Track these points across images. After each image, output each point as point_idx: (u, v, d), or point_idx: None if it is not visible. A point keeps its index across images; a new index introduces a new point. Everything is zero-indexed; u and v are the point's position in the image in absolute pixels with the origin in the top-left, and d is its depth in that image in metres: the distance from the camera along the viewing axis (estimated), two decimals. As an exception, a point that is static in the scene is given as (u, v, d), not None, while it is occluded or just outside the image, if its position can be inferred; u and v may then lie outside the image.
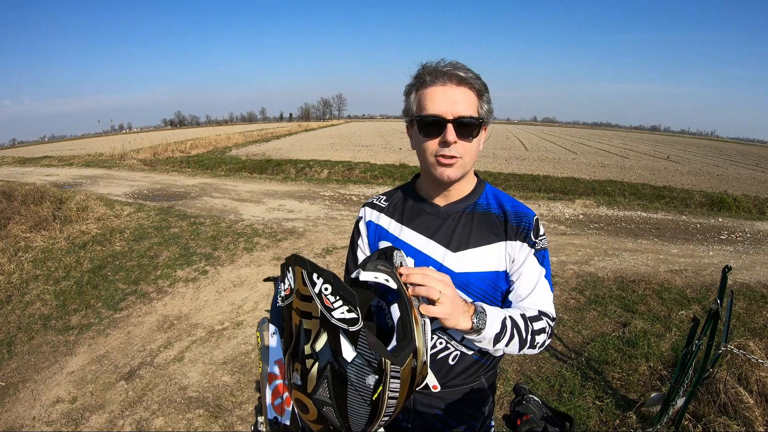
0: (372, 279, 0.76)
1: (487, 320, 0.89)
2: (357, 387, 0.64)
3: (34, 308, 4.07)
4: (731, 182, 12.51)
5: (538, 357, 3.15)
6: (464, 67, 0.96)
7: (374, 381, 0.64)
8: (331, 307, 0.64)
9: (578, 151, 21.84)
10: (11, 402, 2.84)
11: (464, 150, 0.96)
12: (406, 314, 0.74)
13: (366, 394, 0.64)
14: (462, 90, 0.94)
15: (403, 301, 0.76)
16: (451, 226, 1.05)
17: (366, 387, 0.64)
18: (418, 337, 0.73)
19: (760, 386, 2.49)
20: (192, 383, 2.94)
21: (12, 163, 19.22)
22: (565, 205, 8.39)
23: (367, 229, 1.16)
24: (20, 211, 6.41)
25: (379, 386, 0.64)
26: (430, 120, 0.94)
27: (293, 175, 12.15)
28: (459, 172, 0.98)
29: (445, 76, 0.93)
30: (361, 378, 0.64)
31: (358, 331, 0.64)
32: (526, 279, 1.01)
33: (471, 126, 0.95)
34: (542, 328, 0.97)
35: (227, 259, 5.24)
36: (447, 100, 0.93)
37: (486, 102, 0.98)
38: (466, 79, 0.94)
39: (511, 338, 0.92)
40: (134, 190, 10.08)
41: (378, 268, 0.78)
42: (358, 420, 0.66)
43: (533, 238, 1.02)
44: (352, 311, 0.64)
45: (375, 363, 0.64)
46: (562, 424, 0.85)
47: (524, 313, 0.97)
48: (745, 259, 5.48)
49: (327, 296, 0.64)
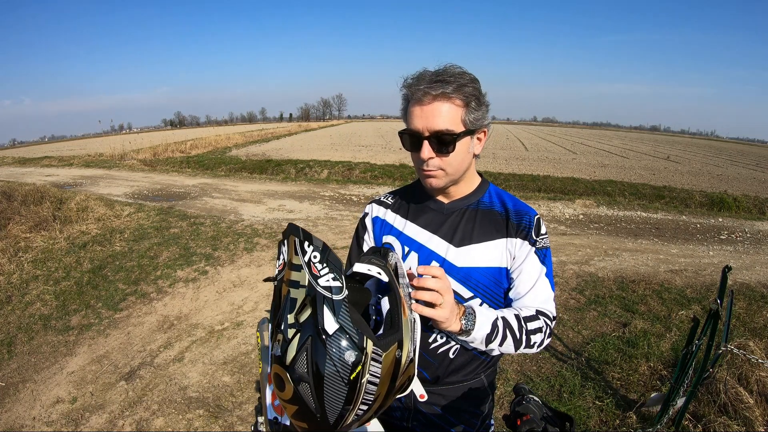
0: (365, 270, 0.79)
1: (476, 322, 0.90)
2: (335, 362, 0.61)
3: (34, 308, 4.07)
4: (731, 182, 12.52)
5: (538, 357, 3.15)
6: (449, 76, 0.93)
7: (354, 358, 0.62)
8: (318, 274, 0.63)
9: (578, 151, 21.85)
10: (11, 402, 2.84)
11: (443, 163, 0.97)
12: (395, 307, 0.75)
13: (344, 371, 0.61)
14: (439, 105, 0.93)
15: (393, 295, 0.77)
16: (455, 223, 1.07)
17: (345, 363, 0.61)
18: (405, 329, 0.73)
19: (760, 386, 2.49)
20: (192, 383, 2.94)
21: (12, 164, 19.22)
22: (565, 205, 8.40)
23: (373, 225, 1.19)
24: (20, 211, 6.41)
25: (358, 366, 0.62)
26: (408, 136, 0.99)
27: (293, 176, 12.15)
28: (443, 182, 1.01)
29: (422, 93, 0.93)
30: (341, 353, 0.61)
31: (342, 301, 0.63)
32: (526, 277, 1.02)
33: (447, 142, 0.94)
34: (538, 327, 0.98)
35: (227, 259, 5.24)
36: (423, 116, 0.94)
37: (474, 109, 0.95)
38: (445, 93, 0.92)
39: (504, 338, 0.93)
40: (134, 190, 10.08)
41: (372, 261, 0.80)
42: (334, 401, 0.63)
43: (534, 237, 1.03)
44: (337, 279, 0.64)
45: (356, 338, 0.62)
46: (562, 424, 0.85)
47: (518, 313, 0.98)
48: (745, 259, 5.48)
49: (315, 264, 0.64)
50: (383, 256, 0.85)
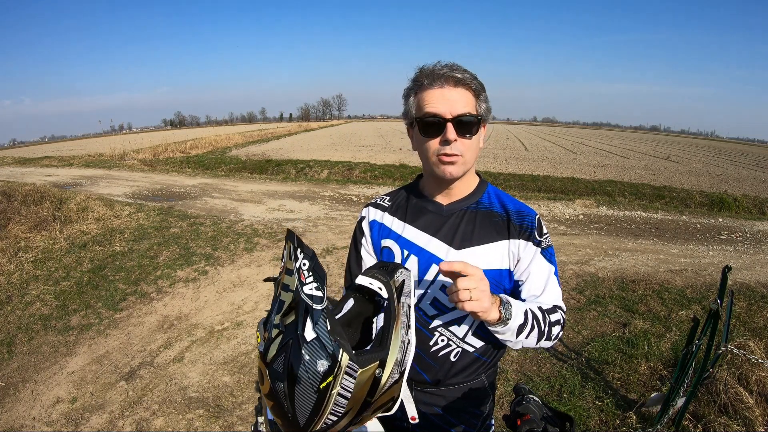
0: (367, 284, 0.78)
1: (513, 311, 0.90)
2: (308, 368, 0.63)
3: (34, 308, 4.07)
4: (731, 182, 12.51)
5: (538, 357, 3.16)
6: (460, 68, 0.98)
7: (325, 368, 0.63)
8: (304, 281, 0.66)
9: (578, 151, 21.85)
10: (11, 402, 2.84)
11: (465, 147, 0.98)
12: (388, 326, 0.75)
13: (314, 379, 0.63)
14: (459, 90, 0.97)
15: (389, 313, 0.76)
16: (454, 224, 1.06)
17: (316, 371, 0.63)
18: (392, 350, 0.73)
19: (760, 386, 2.49)
20: (192, 383, 2.94)
21: (12, 164, 19.23)
22: (565, 205, 8.40)
23: (370, 229, 1.17)
24: (20, 211, 6.41)
25: (329, 376, 0.64)
26: (430, 120, 0.96)
27: (293, 176, 12.15)
28: (461, 169, 1.00)
29: (442, 78, 0.96)
30: (314, 360, 0.63)
31: (321, 311, 0.65)
32: (537, 277, 1.03)
33: (470, 124, 0.97)
34: (557, 320, 1.01)
35: (227, 259, 5.24)
36: (445, 100, 0.95)
37: (483, 101, 1.01)
38: (463, 80, 0.96)
39: (531, 329, 0.94)
40: (134, 190, 10.08)
41: (375, 275, 0.80)
42: (303, 406, 0.65)
43: (538, 237, 1.03)
44: (320, 290, 0.65)
45: (330, 350, 0.64)
46: (562, 424, 0.85)
47: (540, 306, 1.00)
48: (745, 259, 5.48)
49: (304, 271, 0.66)
50: (390, 272, 0.84)
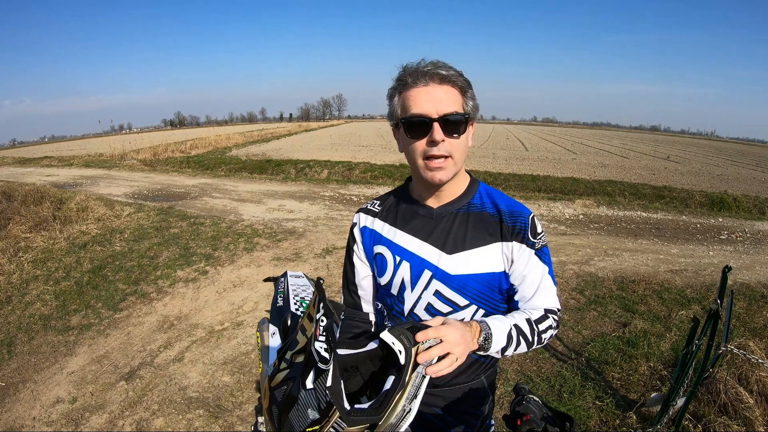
0: (390, 342, 0.76)
1: (493, 341, 0.90)
2: (300, 412, 0.71)
3: (34, 308, 4.07)
4: (731, 182, 12.52)
5: (538, 357, 3.15)
6: (445, 65, 0.95)
7: (314, 417, 0.70)
8: (317, 337, 0.70)
9: (578, 151, 21.85)
10: (11, 402, 2.84)
11: (452, 147, 0.94)
12: (392, 392, 0.73)
13: (302, 422, 0.71)
14: (445, 88, 0.93)
15: (399, 379, 0.74)
16: (446, 228, 1.03)
17: (306, 416, 0.70)
18: (388, 416, 0.72)
19: (760, 386, 2.48)
20: (192, 383, 2.94)
21: (12, 164, 19.23)
22: (565, 205, 8.39)
23: (362, 235, 1.16)
24: (20, 211, 6.40)
25: (316, 425, 0.70)
26: (415, 120, 0.93)
27: (293, 176, 12.15)
28: (450, 172, 0.97)
29: (427, 76, 0.92)
30: (306, 407, 0.70)
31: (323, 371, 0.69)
32: (530, 280, 1.01)
33: (458, 123, 0.93)
34: (548, 326, 1.01)
35: (227, 259, 5.24)
36: (431, 99, 0.92)
37: (470, 98, 0.98)
38: (448, 77, 0.93)
39: (518, 345, 0.95)
40: (134, 190, 10.08)
41: (401, 337, 0.76)
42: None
43: (531, 239, 1.00)
44: (328, 352, 0.69)
45: (323, 405, 0.70)
46: (562, 424, 0.85)
47: (530, 316, 0.99)
48: (745, 259, 5.48)
49: (320, 326, 0.71)
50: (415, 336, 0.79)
